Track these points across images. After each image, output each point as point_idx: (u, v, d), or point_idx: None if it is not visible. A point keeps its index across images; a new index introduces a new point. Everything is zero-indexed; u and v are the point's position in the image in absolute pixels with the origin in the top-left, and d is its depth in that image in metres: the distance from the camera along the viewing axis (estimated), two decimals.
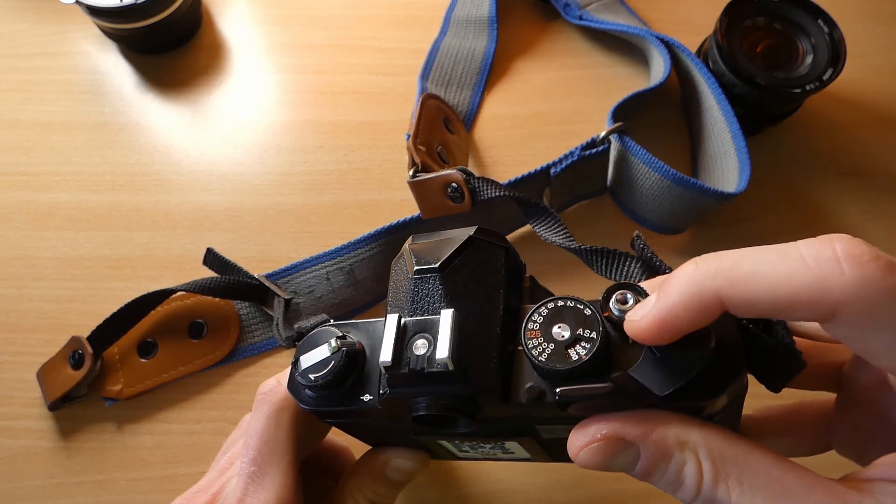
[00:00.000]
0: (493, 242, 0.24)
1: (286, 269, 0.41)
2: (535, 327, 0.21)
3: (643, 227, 0.43)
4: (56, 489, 0.37)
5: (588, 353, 0.20)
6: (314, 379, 0.23)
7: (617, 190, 0.44)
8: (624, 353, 0.20)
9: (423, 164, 0.39)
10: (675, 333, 0.19)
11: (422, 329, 0.22)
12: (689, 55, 0.44)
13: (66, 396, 0.37)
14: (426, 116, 0.42)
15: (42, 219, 0.43)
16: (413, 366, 0.21)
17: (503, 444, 0.25)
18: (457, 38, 0.50)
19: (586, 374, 0.20)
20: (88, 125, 0.46)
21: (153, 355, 0.39)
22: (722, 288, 0.18)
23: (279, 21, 0.51)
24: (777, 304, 0.17)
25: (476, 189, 0.37)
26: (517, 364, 0.22)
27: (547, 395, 0.20)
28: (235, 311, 0.41)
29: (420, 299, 0.22)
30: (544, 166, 0.40)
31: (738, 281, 0.17)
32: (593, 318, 0.20)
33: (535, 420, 0.22)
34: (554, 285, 0.27)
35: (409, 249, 0.24)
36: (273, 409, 0.26)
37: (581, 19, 0.49)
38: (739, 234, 0.43)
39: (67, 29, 0.50)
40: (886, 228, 0.44)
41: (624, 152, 0.40)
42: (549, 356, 0.20)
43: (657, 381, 0.19)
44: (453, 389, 0.21)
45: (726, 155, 0.41)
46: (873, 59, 0.50)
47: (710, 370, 0.19)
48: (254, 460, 0.25)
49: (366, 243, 0.41)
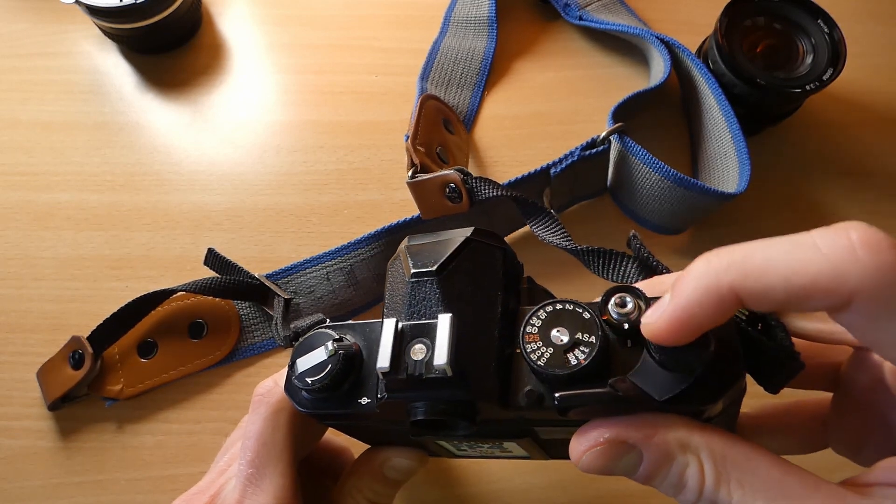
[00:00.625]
0: (491, 244, 0.23)
1: (286, 269, 0.41)
2: (534, 331, 0.21)
3: (643, 227, 0.43)
4: (56, 489, 0.37)
5: (587, 357, 0.20)
6: (311, 382, 0.23)
7: (617, 190, 0.44)
8: (622, 357, 0.20)
9: (421, 165, 0.39)
10: (693, 331, 0.18)
11: (419, 334, 0.21)
12: (689, 55, 0.44)
13: (66, 396, 0.37)
14: (425, 117, 0.42)
15: (42, 219, 0.43)
16: (411, 371, 0.21)
17: (501, 444, 0.25)
18: (456, 38, 0.50)
19: (585, 379, 0.20)
20: (88, 125, 0.46)
21: (153, 355, 0.39)
22: (736, 280, 0.17)
23: (279, 21, 0.51)
24: (792, 294, 0.17)
25: (474, 189, 0.37)
26: (516, 367, 0.21)
27: (546, 399, 0.20)
28: (236, 311, 0.41)
29: (417, 303, 0.22)
30: (544, 166, 0.40)
31: (751, 272, 0.17)
32: (592, 322, 0.20)
33: (534, 423, 0.22)
34: (554, 285, 0.26)
35: (405, 251, 0.24)
36: (270, 410, 0.26)
37: (581, 19, 0.49)
38: (739, 234, 0.43)
39: (67, 29, 0.50)
40: (886, 228, 0.43)
41: (624, 153, 0.40)
42: (547, 360, 0.20)
43: (656, 386, 0.19)
44: (452, 395, 0.21)
45: (726, 155, 0.41)
46: (873, 59, 0.50)
47: (709, 374, 0.19)
48: (251, 462, 0.25)
49: (366, 243, 0.41)
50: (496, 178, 0.38)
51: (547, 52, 0.50)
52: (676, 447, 0.19)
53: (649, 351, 0.20)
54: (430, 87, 0.47)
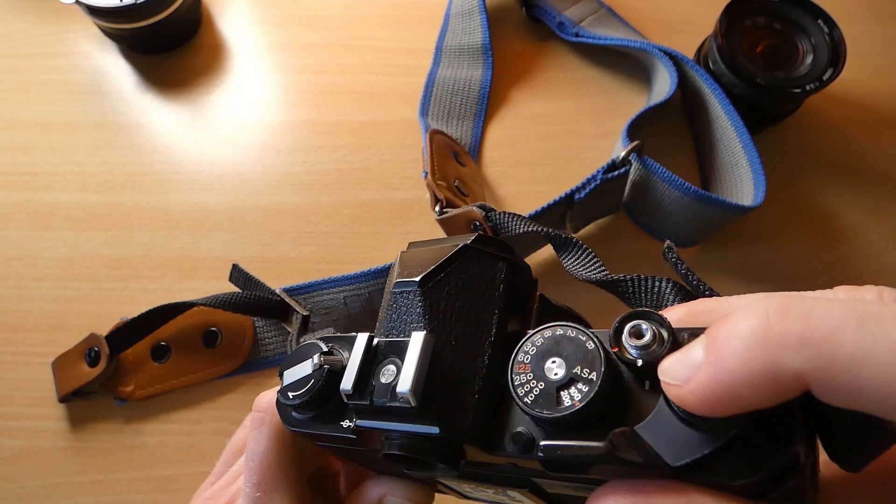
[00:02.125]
0: (493, 253, 0.20)
1: (304, 285, 0.41)
2: (526, 360, 0.17)
3: (660, 241, 0.43)
4: (56, 489, 0.37)
5: (583, 399, 0.16)
6: (292, 397, 0.20)
7: (634, 207, 0.43)
8: (636, 400, 0.16)
9: (447, 200, 0.38)
10: (733, 411, 0.14)
11: (392, 353, 0.18)
12: (693, 66, 0.44)
13: (78, 392, 0.37)
14: (437, 152, 0.41)
15: (42, 219, 0.43)
16: (376, 396, 0.18)
17: (506, 492, 0.21)
18: (451, 68, 0.49)
19: (579, 426, 0.16)
20: (88, 125, 0.46)
21: (166, 359, 0.39)
22: (810, 371, 0.12)
23: (279, 21, 0.51)
24: (888, 405, 0.12)
25: (497, 225, 0.36)
26: (507, 403, 0.18)
27: (535, 447, 0.17)
28: (251, 322, 0.41)
29: (397, 318, 0.19)
30: (568, 192, 0.39)
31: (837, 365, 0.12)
32: (595, 355, 0.16)
33: (529, 472, 0.18)
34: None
35: (399, 258, 0.21)
36: (274, 431, 0.24)
37: (577, 36, 0.48)
38: (740, 233, 0.43)
39: (67, 29, 0.50)
40: (886, 228, 0.44)
41: (644, 171, 0.39)
42: (536, 398, 0.16)
43: (670, 446, 0.15)
44: (419, 429, 0.18)
45: (737, 165, 0.41)
46: (873, 59, 0.50)
47: (746, 439, 0.14)
48: (258, 486, 0.24)
49: (386, 275, 0.40)
50: (514, 205, 0.37)
51: (544, 73, 0.49)
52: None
53: (667, 399, 0.15)
54: (432, 122, 0.46)
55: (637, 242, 0.44)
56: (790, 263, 0.43)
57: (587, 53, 0.50)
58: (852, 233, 0.44)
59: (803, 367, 0.12)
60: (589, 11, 0.50)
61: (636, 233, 0.44)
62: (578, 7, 0.50)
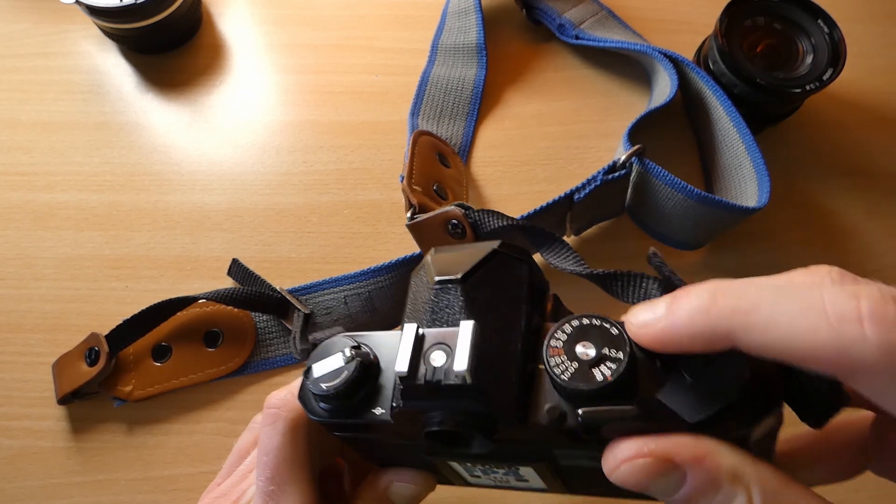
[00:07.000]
0: (517, 257, 0.23)
1: (305, 286, 0.41)
2: (559, 345, 0.20)
3: (664, 244, 0.43)
4: (56, 489, 0.37)
5: (614, 373, 0.19)
6: (326, 388, 0.22)
7: (637, 210, 0.43)
8: (651, 377, 0.19)
9: (420, 205, 0.38)
10: (671, 350, 0.18)
11: (440, 340, 0.21)
12: (693, 68, 0.43)
13: (77, 392, 0.37)
14: (420, 155, 0.41)
15: (42, 219, 0.43)
16: (429, 377, 0.20)
17: (517, 471, 0.24)
18: (445, 66, 0.49)
19: (611, 396, 0.19)
20: (88, 125, 0.46)
21: (167, 359, 0.39)
22: (736, 330, 0.17)
23: (279, 21, 0.51)
24: (792, 357, 0.16)
25: (478, 222, 0.36)
26: (537, 384, 0.21)
27: (568, 418, 0.20)
28: (253, 323, 0.40)
29: (440, 310, 0.22)
30: (567, 193, 0.39)
31: (754, 327, 0.17)
32: (620, 338, 0.20)
33: (554, 444, 0.21)
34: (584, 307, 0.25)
35: (430, 261, 0.23)
36: (288, 426, 0.25)
37: (578, 38, 0.48)
38: (742, 233, 0.43)
39: (67, 29, 0.50)
40: (886, 228, 0.44)
41: (645, 174, 0.39)
42: (572, 375, 0.19)
43: (687, 407, 0.18)
44: (469, 405, 0.20)
45: (741, 166, 0.41)
46: (873, 59, 0.50)
47: (744, 399, 0.18)
48: (271, 479, 0.25)
49: (385, 272, 0.40)
50: (501, 205, 0.37)
51: (541, 75, 0.49)
52: (727, 476, 0.18)
53: (682, 371, 0.19)
54: (422, 122, 0.46)
55: (641, 244, 0.43)
56: (789, 263, 0.43)
57: (587, 55, 0.50)
58: (852, 233, 0.44)
59: (732, 329, 0.17)
60: (589, 13, 0.50)
61: (640, 235, 0.44)
62: (579, 9, 0.50)
